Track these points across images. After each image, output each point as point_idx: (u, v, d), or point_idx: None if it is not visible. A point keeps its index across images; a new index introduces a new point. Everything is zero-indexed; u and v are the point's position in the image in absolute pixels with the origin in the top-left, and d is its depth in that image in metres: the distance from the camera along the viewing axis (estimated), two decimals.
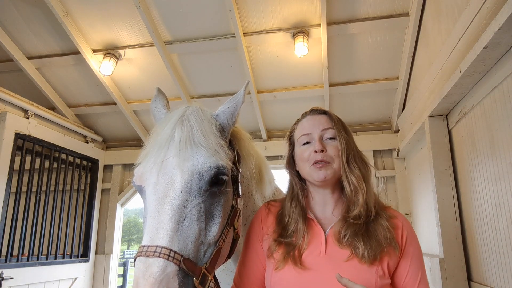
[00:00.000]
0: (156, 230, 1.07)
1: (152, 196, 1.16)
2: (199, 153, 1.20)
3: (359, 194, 1.23)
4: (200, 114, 1.30)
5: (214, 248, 1.17)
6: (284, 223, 1.31)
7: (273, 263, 1.24)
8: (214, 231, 1.19)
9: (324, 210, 1.32)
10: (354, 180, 1.25)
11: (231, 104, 1.39)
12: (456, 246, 3.01)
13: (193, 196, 1.16)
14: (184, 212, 1.12)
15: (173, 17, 3.79)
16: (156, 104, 1.49)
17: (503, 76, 2.30)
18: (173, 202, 1.12)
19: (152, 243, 1.05)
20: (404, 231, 1.25)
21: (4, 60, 4.55)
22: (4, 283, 3.62)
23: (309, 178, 1.31)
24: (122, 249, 27.48)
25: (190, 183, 1.16)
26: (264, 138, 5.08)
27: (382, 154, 4.86)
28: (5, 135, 3.75)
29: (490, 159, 2.53)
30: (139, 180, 1.23)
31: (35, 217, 4.18)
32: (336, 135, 1.30)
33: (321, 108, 1.41)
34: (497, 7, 2.07)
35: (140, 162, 1.26)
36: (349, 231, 1.19)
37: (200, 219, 1.15)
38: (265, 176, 1.69)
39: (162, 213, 1.10)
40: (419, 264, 1.24)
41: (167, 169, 1.18)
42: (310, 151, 1.29)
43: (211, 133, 1.26)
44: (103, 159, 5.39)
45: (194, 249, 1.11)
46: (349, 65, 4.19)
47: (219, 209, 1.23)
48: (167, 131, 1.24)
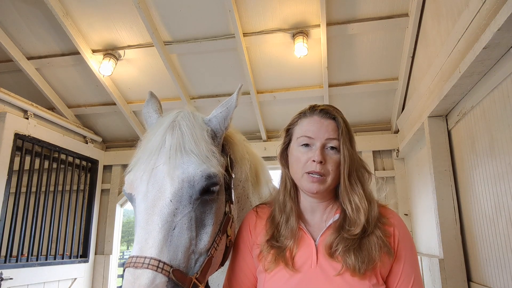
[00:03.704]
0: (145, 240, 1.06)
1: (142, 205, 1.14)
2: (190, 161, 1.17)
3: (361, 213, 1.16)
4: (192, 120, 1.27)
5: (205, 257, 1.16)
6: (276, 223, 1.27)
7: (265, 266, 1.22)
8: (205, 240, 1.17)
9: (313, 218, 1.28)
10: (357, 200, 1.18)
11: (224, 108, 1.34)
12: (455, 247, 3.01)
13: (183, 205, 1.14)
14: (174, 221, 1.10)
15: (173, 18, 3.79)
16: (148, 108, 1.47)
17: (502, 77, 2.30)
18: (162, 212, 1.10)
19: (141, 254, 1.04)
20: (396, 236, 1.20)
21: (4, 60, 4.55)
22: (3, 283, 3.61)
23: (299, 184, 1.26)
24: (122, 250, 27.48)
25: (180, 191, 1.14)
26: (264, 139, 5.08)
27: (381, 155, 4.86)
28: (5, 135, 3.74)
29: (489, 160, 2.53)
30: (130, 188, 1.21)
31: (35, 217, 4.17)
32: (340, 147, 1.21)
33: (331, 110, 1.28)
34: (496, 7, 2.08)
35: (131, 169, 1.23)
36: (341, 246, 1.14)
37: (190, 228, 1.13)
38: (262, 178, 1.67)
39: (152, 222, 1.09)
40: (412, 266, 1.20)
41: (157, 177, 1.16)
42: (309, 157, 1.21)
43: (202, 140, 1.23)
44: (103, 160, 5.38)
45: (185, 258, 1.09)
46: (348, 65, 4.19)
47: (210, 217, 1.21)
48: (157, 138, 1.22)
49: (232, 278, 1.36)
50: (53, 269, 4.33)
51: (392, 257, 1.17)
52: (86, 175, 5.15)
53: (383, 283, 1.15)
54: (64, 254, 4.59)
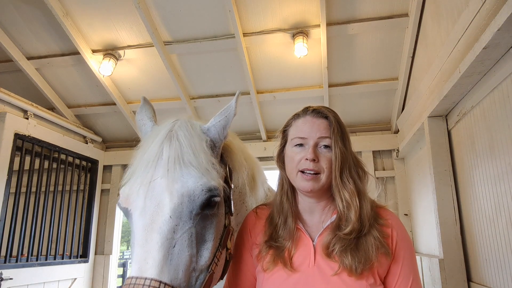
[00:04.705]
0: (145, 260, 1.02)
1: (140, 221, 1.09)
2: (189, 173, 1.12)
3: (352, 210, 1.17)
4: (190, 129, 1.22)
5: (206, 274, 1.12)
6: (274, 224, 1.27)
7: (263, 265, 1.22)
8: (206, 256, 1.13)
9: (311, 218, 1.28)
10: (347, 196, 1.18)
11: (223, 117, 1.29)
12: (455, 247, 3.01)
13: (183, 221, 1.09)
14: (174, 238, 1.06)
15: (173, 18, 3.79)
16: (141, 115, 1.39)
17: (502, 77, 2.30)
18: (162, 229, 1.05)
19: (141, 275, 0.99)
20: (394, 237, 1.20)
21: (4, 60, 4.54)
22: (3, 283, 3.61)
23: (294, 184, 1.26)
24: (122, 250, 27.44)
25: (180, 207, 1.09)
26: (264, 139, 5.09)
27: (381, 155, 4.86)
28: (5, 135, 3.74)
29: (489, 160, 2.53)
30: (125, 202, 1.15)
31: (35, 217, 4.17)
32: (332, 145, 1.22)
33: (323, 110, 1.30)
34: (496, 7, 2.08)
35: (126, 182, 1.18)
36: (337, 246, 1.14)
37: (191, 245, 1.09)
38: (258, 180, 1.66)
39: (151, 241, 1.04)
40: (411, 267, 1.20)
41: (155, 191, 1.10)
42: (302, 156, 1.21)
43: (201, 151, 1.18)
44: (103, 160, 5.38)
45: (186, 277, 1.05)
46: (348, 65, 4.19)
47: (211, 232, 1.16)
48: (154, 149, 1.16)
49: (232, 279, 1.36)
50: (53, 269, 4.33)
51: (390, 258, 1.17)
52: (86, 175, 5.14)
53: (381, 283, 1.15)
54: (64, 254, 4.58)
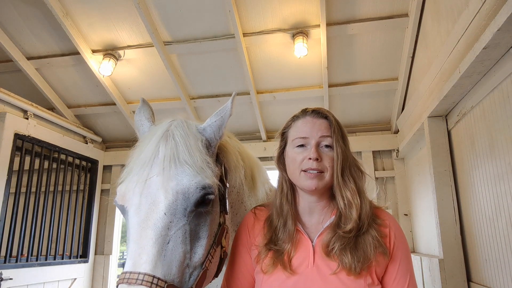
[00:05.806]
0: (139, 255, 1.04)
1: (135, 218, 1.11)
2: (184, 172, 1.15)
3: (353, 208, 1.19)
4: (186, 129, 1.25)
5: (200, 270, 1.14)
6: (274, 227, 1.28)
7: (263, 268, 1.22)
8: (200, 253, 1.15)
9: (310, 219, 1.29)
10: (349, 195, 1.20)
11: (218, 117, 1.32)
12: (455, 247, 3.01)
13: (177, 218, 1.11)
14: (168, 235, 1.08)
15: (173, 18, 3.79)
16: (140, 116, 1.43)
17: (502, 77, 2.30)
18: (156, 225, 1.08)
19: (135, 270, 1.01)
20: (392, 237, 1.22)
21: (4, 60, 4.54)
22: (3, 283, 3.61)
23: (297, 183, 1.26)
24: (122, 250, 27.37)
25: (175, 204, 1.11)
26: (264, 139, 5.09)
27: (381, 155, 4.86)
28: (5, 135, 3.74)
29: (489, 160, 2.53)
30: (122, 199, 1.18)
31: (34, 217, 4.17)
32: (333, 145, 1.24)
33: (322, 111, 1.32)
34: (496, 8, 2.08)
35: (123, 180, 1.20)
36: (337, 244, 1.16)
37: (185, 242, 1.11)
38: (258, 180, 1.66)
39: (145, 236, 1.06)
40: (407, 267, 1.22)
41: (150, 189, 1.13)
42: (304, 156, 1.23)
43: (196, 150, 1.21)
44: (103, 160, 5.38)
45: (179, 273, 1.07)
46: (348, 65, 4.19)
47: (205, 229, 1.19)
48: (150, 148, 1.19)
49: (230, 279, 1.36)
50: (53, 269, 4.33)
51: (388, 257, 1.19)
52: (86, 175, 5.14)
53: (379, 283, 1.17)
54: (64, 254, 4.58)
